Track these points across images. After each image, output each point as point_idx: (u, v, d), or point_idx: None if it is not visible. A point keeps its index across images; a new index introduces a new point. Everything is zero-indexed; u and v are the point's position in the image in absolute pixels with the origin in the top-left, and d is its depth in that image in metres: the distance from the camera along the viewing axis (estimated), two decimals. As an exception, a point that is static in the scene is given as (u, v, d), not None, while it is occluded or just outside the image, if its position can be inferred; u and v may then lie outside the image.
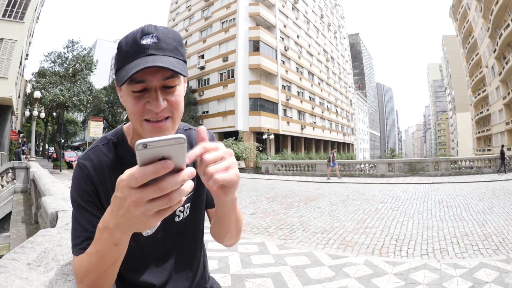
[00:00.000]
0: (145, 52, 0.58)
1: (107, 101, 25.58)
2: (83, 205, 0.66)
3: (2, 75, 14.30)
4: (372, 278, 3.13)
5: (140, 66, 0.56)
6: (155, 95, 0.60)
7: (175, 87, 0.62)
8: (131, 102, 0.61)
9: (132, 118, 0.64)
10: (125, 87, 0.62)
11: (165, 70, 0.58)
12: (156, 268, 0.76)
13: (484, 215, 5.80)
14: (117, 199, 0.46)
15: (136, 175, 0.42)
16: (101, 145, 0.72)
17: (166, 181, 0.42)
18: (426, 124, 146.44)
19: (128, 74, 0.56)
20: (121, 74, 0.59)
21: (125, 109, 19.53)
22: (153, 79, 0.59)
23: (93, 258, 0.56)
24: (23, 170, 10.43)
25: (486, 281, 2.93)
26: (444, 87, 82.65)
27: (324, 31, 46.01)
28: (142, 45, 0.59)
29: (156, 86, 0.60)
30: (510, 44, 26.77)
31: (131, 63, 0.58)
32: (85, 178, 0.67)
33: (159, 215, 0.45)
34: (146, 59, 0.57)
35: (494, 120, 32.68)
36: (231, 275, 3.26)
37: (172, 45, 0.61)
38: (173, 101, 0.62)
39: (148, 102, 0.60)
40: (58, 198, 2.56)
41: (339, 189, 11.06)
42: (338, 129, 47.71)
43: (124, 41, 0.62)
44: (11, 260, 0.98)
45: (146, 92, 0.61)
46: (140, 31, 0.61)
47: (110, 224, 0.49)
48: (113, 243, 0.52)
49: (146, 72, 0.58)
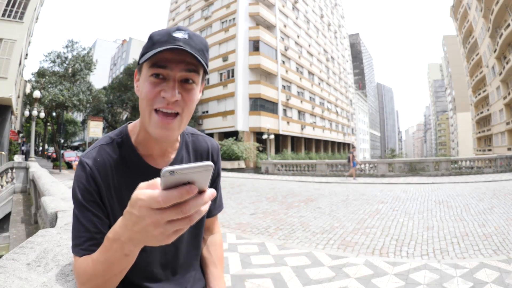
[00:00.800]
0: (175, 43, 0.60)
1: (106, 101, 25.57)
2: (85, 204, 0.65)
3: (2, 75, 14.30)
4: (372, 279, 3.13)
5: (169, 45, 0.59)
6: (172, 85, 0.62)
7: (192, 84, 0.64)
8: (148, 86, 0.62)
9: (143, 105, 0.64)
10: (145, 70, 0.63)
11: (188, 63, 0.61)
12: (156, 272, 0.76)
13: (484, 215, 5.79)
14: (133, 215, 0.45)
15: (159, 199, 0.41)
16: (105, 145, 0.71)
17: (189, 204, 0.42)
18: (426, 124, 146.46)
19: (155, 51, 0.59)
20: (147, 54, 0.61)
21: (125, 109, 19.56)
22: (175, 68, 0.61)
23: (100, 266, 0.55)
24: (23, 170, 10.42)
25: (487, 281, 2.93)
26: (444, 87, 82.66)
27: (324, 31, 46.01)
28: (173, 36, 0.61)
29: (175, 76, 0.62)
30: (510, 44, 26.76)
31: (160, 48, 0.60)
32: (87, 177, 0.66)
33: (176, 234, 0.45)
34: (176, 45, 0.60)
35: (495, 120, 32.67)
36: (231, 275, 3.26)
37: (199, 46, 0.63)
38: (187, 98, 0.64)
39: (164, 90, 0.61)
40: (57, 198, 2.55)
41: (339, 189, 11.05)
42: (338, 129, 47.71)
43: (157, 32, 0.64)
44: (10, 261, 0.98)
45: (164, 81, 0.62)
46: (175, 27, 0.64)
47: (123, 237, 0.49)
48: (123, 254, 0.52)
49: (170, 59, 0.60)
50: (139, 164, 0.71)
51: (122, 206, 0.69)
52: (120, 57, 62.51)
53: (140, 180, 0.70)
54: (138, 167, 0.71)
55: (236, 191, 10.79)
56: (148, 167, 0.72)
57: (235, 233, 5.15)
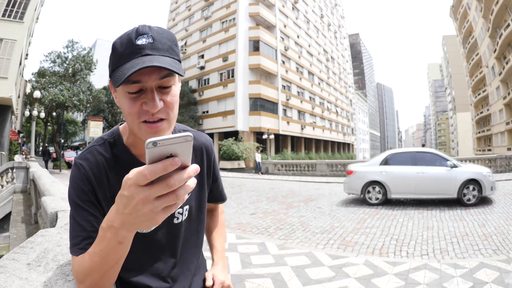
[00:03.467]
0: (141, 52, 0.58)
1: (106, 101, 25.57)
2: (81, 204, 0.66)
3: (2, 75, 14.29)
4: (372, 278, 3.13)
5: (137, 67, 0.56)
6: (151, 96, 0.60)
7: (170, 87, 0.63)
8: (128, 103, 0.61)
9: (129, 120, 0.63)
10: (120, 88, 0.62)
11: (162, 70, 0.58)
12: (154, 270, 0.76)
13: (484, 215, 5.79)
14: (123, 197, 0.46)
15: (146, 172, 0.43)
16: (97, 145, 0.73)
17: (173, 178, 0.43)
18: (426, 124, 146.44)
19: (125, 75, 0.56)
20: (117, 75, 0.59)
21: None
22: (149, 79, 0.59)
23: (96, 258, 0.56)
24: (23, 170, 10.42)
25: (486, 281, 2.93)
26: (444, 87, 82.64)
27: (324, 31, 46.00)
28: (137, 45, 0.58)
29: (152, 87, 0.60)
30: (510, 44, 26.76)
31: (127, 63, 0.58)
32: (82, 177, 0.67)
33: (166, 212, 0.46)
34: (142, 59, 0.57)
35: (494, 120, 32.67)
36: (231, 275, 3.26)
37: (167, 45, 0.61)
38: (169, 101, 0.62)
39: (145, 103, 0.60)
40: (58, 198, 2.56)
41: (339, 189, 11.05)
42: (338, 129, 47.71)
43: (119, 41, 0.61)
44: (10, 260, 0.98)
45: (142, 93, 0.60)
46: (134, 31, 0.60)
47: (116, 223, 0.49)
48: (117, 241, 0.52)
49: (142, 72, 0.57)
50: (132, 163, 0.72)
51: None
52: (120, 57, 62.46)
53: None
54: (131, 165, 0.71)
55: (236, 191, 10.79)
56: (141, 164, 0.72)
57: (235, 233, 5.15)
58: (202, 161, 0.85)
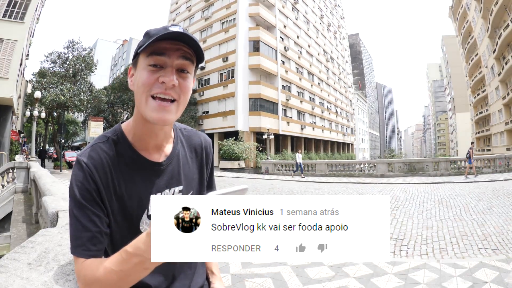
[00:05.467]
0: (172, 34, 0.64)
1: (107, 101, 25.59)
2: (85, 203, 0.64)
3: (3, 75, 14.30)
4: (371, 278, 3.13)
5: (168, 32, 0.62)
6: (170, 71, 0.64)
7: (187, 73, 0.67)
8: (145, 74, 0.65)
9: (139, 92, 0.66)
10: (142, 60, 0.65)
11: (186, 49, 0.65)
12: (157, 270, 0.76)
13: (483, 215, 5.80)
14: None
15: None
16: (100, 143, 0.72)
17: None
18: (425, 124, 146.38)
19: (155, 37, 0.62)
20: (146, 43, 0.63)
21: (125, 109, 19.45)
22: (172, 55, 0.64)
23: (114, 276, 0.56)
24: (24, 170, 10.42)
25: (486, 280, 2.94)
26: (443, 87, 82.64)
27: (324, 32, 46.01)
28: (169, 30, 0.63)
29: (173, 64, 0.64)
30: (509, 44, 26.77)
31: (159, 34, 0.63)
32: (86, 176, 0.66)
33: None
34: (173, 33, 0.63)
35: (494, 120, 32.67)
36: (231, 274, 3.26)
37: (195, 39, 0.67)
38: (183, 85, 0.66)
39: (162, 76, 0.64)
40: (58, 198, 2.56)
41: (339, 189, 11.06)
42: (338, 129, 47.72)
43: (153, 29, 0.67)
44: (11, 260, 0.99)
45: (162, 69, 0.64)
46: (169, 24, 0.68)
47: (147, 254, 0.50)
48: (143, 268, 0.53)
49: (168, 48, 0.63)
50: (136, 159, 0.72)
51: (120, 203, 0.69)
52: (120, 57, 62.51)
53: (138, 174, 0.72)
54: (135, 162, 0.72)
55: (236, 191, 10.78)
56: (145, 160, 0.73)
57: (235, 233, 5.15)
58: (202, 159, 0.87)
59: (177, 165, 0.78)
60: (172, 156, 0.77)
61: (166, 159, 0.76)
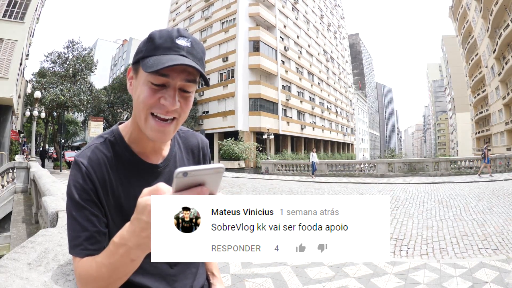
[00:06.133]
0: (179, 51, 0.62)
1: (107, 101, 25.58)
2: (83, 203, 0.65)
3: (3, 75, 14.31)
4: (372, 278, 3.13)
5: (176, 61, 0.59)
6: (173, 93, 0.63)
7: (190, 93, 0.66)
8: (147, 92, 0.63)
9: (139, 108, 0.65)
10: (144, 76, 0.64)
11: (190, 72, 0.63)
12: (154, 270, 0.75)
13: (483, 215, 5.80)
14: (141, 222, 0.47)
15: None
16: (98, 144, 0.72)
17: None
18: (425, 124, 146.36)
19: (163, 65, 0.59)
20: (150, 62, 0.61)
21: (125, 109, 19.41)
22: (176, 77, 0.62)
23: (104, 269, 0.56)
24: (24, 170, 10.43)
25: (486, 281, 2.94)
26: (443, 87, 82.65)
27: (324, 31, 46.02)
28: (177, 43, 0.62)
29: (176, 85, 0.63)
30: (509, 44, 26.77)
31: (164, 56, 0.61)
32: (84, 176, 0.66)
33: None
34: (179, 57, 0.61)
35: (494, 120, 32.68)
36: (231, 274, 3.26)
37: (200, 55, 0.65)
38: (184, 105, 0.66)
39: (164, 98, 0.63)
40: (58, 198, 2.56)
41: (339, 189, 11.07)
42: (338, 129, 47.73)
43: (158, 34, 0.64)
44: (11, 260, 0.99)
45: (163, 88, 0.63)
46: (176, 30, 0.64)
47: (130, 243, 0.50)
48: (130, 259, 0.53)
49: (173, 69, 0.61)
50: (134, 161, 0.73)
51: (118, 204, 0.70)
52: (120, 57, 62.52)
53: (135, 176, 0.72)
54: (133, 163, 0.73)
55: (236, 191, 10.80)
56: (143, 163, 0.73)
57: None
58: (200, 160, 0.87)
59: (174, 167, 0.78)
60: (169, 158, 0.78)
61: (163, 161, 0.76)
